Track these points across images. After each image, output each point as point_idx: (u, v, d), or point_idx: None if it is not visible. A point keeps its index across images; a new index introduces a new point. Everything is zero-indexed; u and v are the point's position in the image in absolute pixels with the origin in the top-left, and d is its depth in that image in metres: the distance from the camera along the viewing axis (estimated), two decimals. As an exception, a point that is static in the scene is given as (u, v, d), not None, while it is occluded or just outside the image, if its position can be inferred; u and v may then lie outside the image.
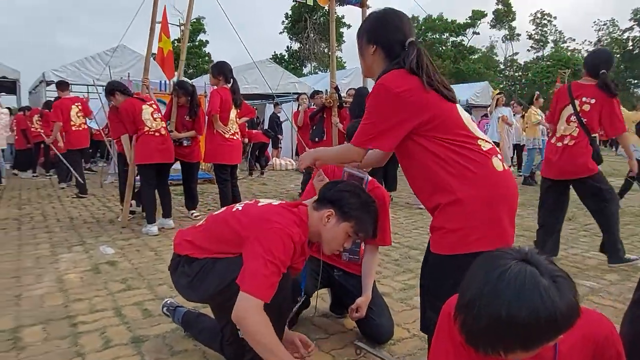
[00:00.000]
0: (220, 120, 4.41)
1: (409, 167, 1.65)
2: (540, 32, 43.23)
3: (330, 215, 1.79)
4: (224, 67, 4.56)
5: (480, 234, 1.47)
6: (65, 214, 5.54)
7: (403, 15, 1.70)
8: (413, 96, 1.51)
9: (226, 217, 1.89)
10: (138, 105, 4.44)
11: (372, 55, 1.68)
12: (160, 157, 4.47)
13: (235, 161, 4.65)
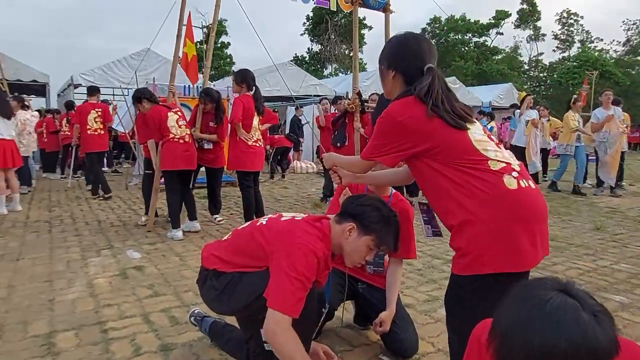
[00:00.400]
0: (243, 127, 4.46)
1: (423, 186, 1.68)
2: (567, 32, 42.24)
3: (352, 228, 1.82)
4: (247, 75, 4.61)
5: (494, 255, 1.45)
6: (93, 216, 5.69)
7: (423, 40, 1.74)
8: (414, 125, 1.56)
9: (251, 231, 1.92)
10: (164, 112, 4.54)
11: (392, 81, 1.74)
12: (185, 163, 4.57)
13: (257, 168, 4.70)
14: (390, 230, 1.87)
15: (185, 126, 4.63)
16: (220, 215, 5.46)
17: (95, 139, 7.12)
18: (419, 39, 1.74)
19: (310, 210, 6.27)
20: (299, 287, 1.63)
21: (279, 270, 1.67)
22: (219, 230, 5.01)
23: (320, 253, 1.74)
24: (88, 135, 7.09)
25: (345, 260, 1.92)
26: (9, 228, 4.99)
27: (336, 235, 1.85)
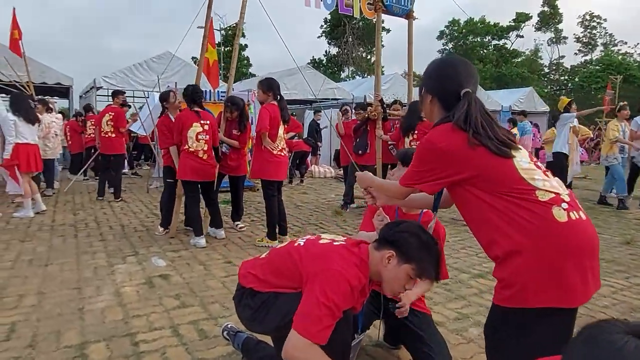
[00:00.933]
0: (269, 136, 4.45)
1: (465, 214, 1.64)
2: (589, 34, 41.47)
3: (391, 256, 1.78)
4: (273, 84, 4.61)
5: (539, 290, 1.40)
6: (117, 220, 5.75)
7: (460, 63, 1.71)
8: (456, 152, 1.52)
9: (288, 252, 1.91)
10: (191, 120, 4.56)
11: (430, 105, 1.73)
12: (197, 176, 4.59)
13: (282, 177, 4.68)
14: (432, 259, 1.82)
15: (205, 141, 4.59)
16: (242, 222, 5.47)
17: (106, 141, 7.29)
18: (455, 62, 1.71)
19: (331, 217, 6.24)
20: (327, 314, 1.60)
21: (310, 294, 1.65)
22: (241, 237, 5.01)
23: (356, 281, 1.71)
24: (102, 138, 7.32)
25: (384, 288, 1.88)
26: (36, 232, 5.08)
27: (375, 262, 1.81)
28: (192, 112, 4.59)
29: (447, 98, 1.65)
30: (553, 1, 38.53)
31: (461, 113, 1.56)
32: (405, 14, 6.42)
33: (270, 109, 4.47)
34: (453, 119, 1.57)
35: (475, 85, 1.69)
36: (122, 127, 7.34)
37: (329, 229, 5.52)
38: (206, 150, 4.59)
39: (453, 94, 1.63)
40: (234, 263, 4.07)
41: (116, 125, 7.25)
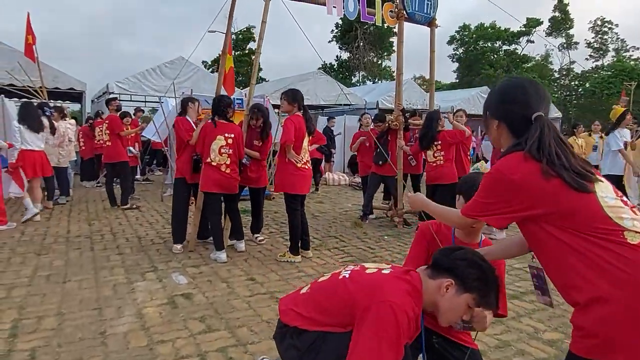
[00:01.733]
0: (293, 149, 4.31)
1: (539, 253, 1.49)
2: (600, 40, 41.05)
3: (450, 285, 1.65)
4: (298, 95, 4.47)
5: (627, 344, 1.24)
6: (133, 232, 5.63)
7: (528, 84, 1.56)
8: (529, 184, 1.38)
9: (333, 286, 1.76)
10: (215, 132, 4.41)
11: (497, 130, 1.59)
12: (220, 188, 4.46)
13: (305, 191, 4.53)
14: (493, 288, 1.70)
15: (228, 155, 4.44)
16: (262, 235, 5.33)
17: (104, 150, 7.34)
18: (523, 84, 1.57)
19: (350, 229, 6.08)
20: (386, 349, 1.48)
21: (365, 332, 1.51)
22: (262, 251, 4.87)
23: (412, 313, 1.57)
24: (103, 149, 7.43)
25: (439, 319, 1.74)
26: (52, 244, 4.96)
27: (429, 291, 1.68)
28: (218, 123, 4.45)
29: (516, 123, 1.52)
30: (564, 6, 38.21)
31: (533, 140, 1.42)
32: (427, 21, 6.29)
33: (296, 120, 4.33)
34: (525, 148, 1.42)
35: (547, 108, 1.54)
36: (120, 131, 7.23)
37: (350, 242, 5.36)
38: (229, 164, 4.45)
39: (522, 118, 1.49)
40: (257, 280, 3.92)
41: (113, 132, 7.15)
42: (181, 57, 13.68)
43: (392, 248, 5.15)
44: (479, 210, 1.53)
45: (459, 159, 5.93)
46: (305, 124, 4.44)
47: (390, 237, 5.66)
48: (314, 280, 1.93)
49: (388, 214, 6.70)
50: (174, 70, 13.34)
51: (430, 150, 5.68)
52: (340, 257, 4.76)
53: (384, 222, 6.64)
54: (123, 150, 7.29)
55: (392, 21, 6.00)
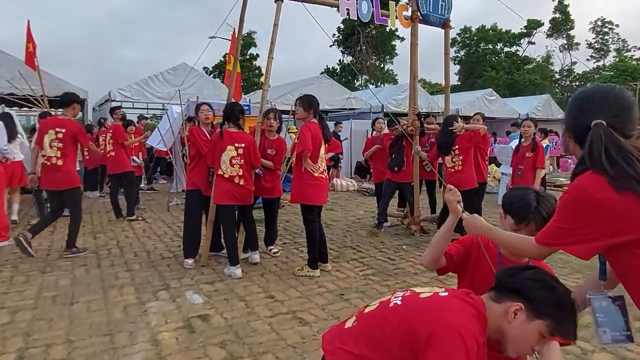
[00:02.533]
0: (310, 158, 4.09)
1: (628, 281, 1.32)
2: (601, 40, 40.95)
3: (519, 309, 1.42)
4: (314, 101, 4.25)
5: None
6: (140, 245, 5.40)
7: (596, 92, 1.39)
8: (617, 206, 1.21)
9: (384, 316, 1.52)
10: (224, 142, 4.18)
11: (572, 144, 1.44)
12: (234, 200, 4.23)
13: (323, 201, 4.30)
14: (570, 314, 1.46)
15: (240, 166, 4.20)
16: (275, 247, 5.10)
17: (109, 161, 7.03)
18: (590, 92, 1.41)
19: (367, 238, 5.84)
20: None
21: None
22: (277, 264, 4.63)
23: (480, 337, 1.35)
24: (107, 159, 7.09)
25: (506, 348, 1.50)
26: (56, 260, 4.73)
27: (495, 315, 1.45)
28: (226, 134, 4.21)
29: (578, 135, 1.38)
30: (565, 7, 38.12)
31: (588, 152, 1.28)
32: (442, 23, 6.08)
33: (312, 127, 4.11)
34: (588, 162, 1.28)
35: (613, 114, 1.32)
36: (124, 140, 6.95)
37: (368, 253, 5.12)
38: (242, 175, 4.22)
39: (583, 129, 1.33)
40: (277, 298, 3.69)
41: (117, 141, 6.91)
42: (184, 64, 13.50)
43: (412, 259, 4.91)
44: (559, 237, 1.34)
45: (476, 162, 5.70)
46: (322, 131, 4.22)
47: (409, 247, 5.43)
48: (358, 311, 1.69)
49: (404, 222, 6.46)
50: (176, 77, 13.16)
51: (448, 155, 5.46)
52: (360, 269, 4.53)
53: (399, 230, 6.40)
54: (127, 160, 7.07)
55: (406, 23, 5.80)
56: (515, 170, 5.51)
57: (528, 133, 5.51)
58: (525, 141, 5.56)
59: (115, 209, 7.00)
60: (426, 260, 1.98)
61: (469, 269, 2.02)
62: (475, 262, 2.00)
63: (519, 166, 5.44)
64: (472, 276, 2.00)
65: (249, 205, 4.44)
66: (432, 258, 1.95)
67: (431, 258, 1.95)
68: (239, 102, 4.48)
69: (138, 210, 7.44)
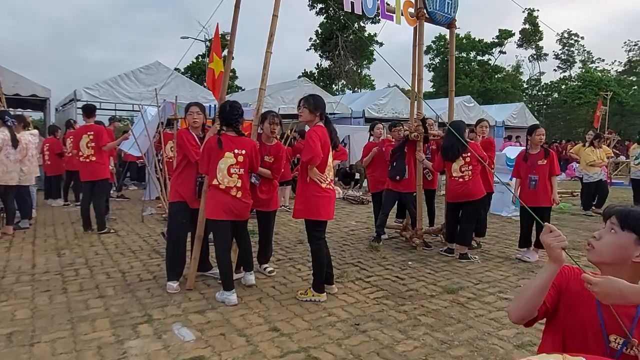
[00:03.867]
0: (317, 166, 3.57)
1: None
2: (567, 52, 42.24)
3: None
4: (320, 102, 3.74)
5: None
6: (113, 264, 4.71)
7: None
8: None
9: None
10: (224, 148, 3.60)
11: None
12: (229, 215, 3.63)
13: (331, 216, 3.78)
14: None
15: (239, 176, 3.64)
16: (271, 265, 4.54)
17: (86, 166, 6.18)
18: None
19: (367, 253, 5.35)
20: None
21: None
22: (275, 286, 4.08)
23: None
24: (81, 164, 6.24)
25: None
26: (13, 284, 4.01)
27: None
28: (225, 140, 3.63)
29: None
30: (534, 19, 39.09)
31: None
32: (448, 22, 5.73)
33: (320, 132, 3.60)
34: None
35: None
36: (103, 145, 6.20)
37: (373, 271, 4.63)
38: (240, 187, 3.65)
39: None
40: (283, 331, 3.13)
41: (97, 144, 6.17)
42: (157, 62, 12.74)
43: (423, 277, 4.45)
44: None
45: (483, 171, 5.34)
46: (329, 135, 3.71)
47: (414, 263, 4.97)
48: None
49: (403, 234, 6.02)
50: (149, 76, 12.39)
51: (456, 163, 5.07)
52: (369, 291, 4.02)
53: (399, 243, 5.95)
54: (107, 166, 6.35)
55: (412, 21, 5.41)
56: (526, 179, 5.16)
57: (536, 141, 5.18)
58: (532, 149, 5.22)
59: (85, 220, 6.25)
60: (515, 316, 1.53)
61: (560, 313, 1.57)
62: (567, 305, 1.56)
63: (531, 175, 5.08)
64: (563, 320, 1.56)
65: (244, 220, 3.87)
66: (524, 314, 1.51)
67: (523, 314, 1.51)
68: (238, 102, 3.88)
69: (108, 221, 6.70)
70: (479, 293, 3.99)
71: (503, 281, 4.36)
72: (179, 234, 4.01)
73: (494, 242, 6.01)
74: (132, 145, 8.01)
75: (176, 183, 4.02)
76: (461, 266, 4.90)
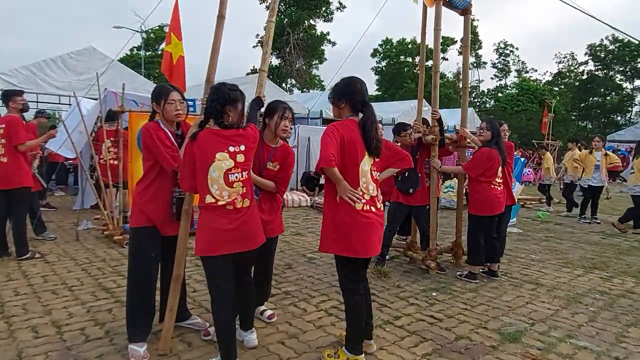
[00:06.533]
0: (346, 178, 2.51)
1: None
2: (503, 61, 44.31)
3: None
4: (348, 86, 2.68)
5: None
6: (43, 311, 3.34)
7: None
8: None
9: None
10: (213, 147, 2.44)
11: None
12: (233, 245, 2.46)
13: (372, 251, 2.64)
14: None
15: (243, 183, 2.49)
16: (269, 309, 3.41)
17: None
18: None
19: (376, 281, 4.36)
20: None
21: None
22: (284, 342, 2.96)
23: None
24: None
25: None
26: None
27: None
28: (209, 136, 2.47)
29: None
30: (474, 28, 40.49)
31: None
32: (465, 6, 4.95)
33: (344, 128, 2.56)
34: None
35: None
36: (19, 143, 4.70)
37: (397, 308, 3.66)
38: (246, 195, 2.51)
39: None
40: None
41: (10, 142, 4.65)
42: (91, 47, 10.96)
43: (461, 316, 3.54)
44: None
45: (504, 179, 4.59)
46: (363, 134, 2.64)
47: (439, 294, 4.06)
48: None
49: (408, 254, 5.12)
50: (81, 63, 10.60)
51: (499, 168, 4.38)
52: (410, 342, 3.04)
53: (403, 263, 5.06)
54: (27, 169, 4.83)
55: (430, 2, 4.56)
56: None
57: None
58: None
59: (2, 242, 4.71)
60: None
61: None
62: None
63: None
64: None
65: (249, 260, 2.73)
66: None
67: None
68: (225, 83, 2.71)
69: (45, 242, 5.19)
70: (546, 340, 3.15)
71: (559, 319, 3.56)
72: (146, 274, 2.77)
73: (507, 261, 5.28)
74: (63, 143, 6.47)
75: (141, 200, 2.76)
76: (492, 295, 4.07)
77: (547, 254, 5.74)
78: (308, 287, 4.15)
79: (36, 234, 5.54)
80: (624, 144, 23.20)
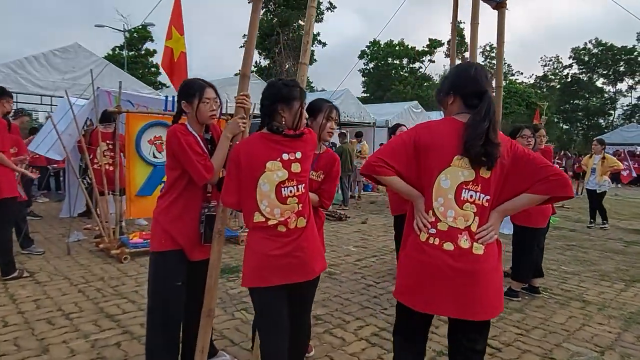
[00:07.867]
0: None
1: None
2: (489, 64, 44.59)
3: None
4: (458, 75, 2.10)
5: None
6: (37, 348, 2.82)
7: None
8: None
9: None
10: (261, 155, 1.98)
11: None
12: (286, 274, 1.98)
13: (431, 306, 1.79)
14: None
15: (298, 199, 2.00)
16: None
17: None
18: None
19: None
20: None
21: None
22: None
23: None
24: None
25: None
26: None
27: None
28: (265, 138, 2.01)
29: None
30: (461, 31, 40.67)
31: None
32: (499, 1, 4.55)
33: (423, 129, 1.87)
34: None
35: None
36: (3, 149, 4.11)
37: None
38: (302, 213, 2.03)
39: None
40: None
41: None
42: (77, 44, 10.30)
43: (521, 344, 3.14)
44: None
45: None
46: (461, 138, 1.80)
47: (483, 316, 3.67)
48: None
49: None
50: (66, 61, 9.94)
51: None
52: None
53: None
54: (11, 177, 4.26)
55: (467, -9, 4.15)
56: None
57: None
58: None
59: None
60: None
61: None
62: None
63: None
64: None
65: (304, 294, 2.24)
66: None
67: None
68: (281, 78, 2.21)
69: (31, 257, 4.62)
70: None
71: (626, 345, 3.19)
72: (172, 308, 2.29)
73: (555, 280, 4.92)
74: (52, 146, 5.90)
75: (166, 219, 2.28)
76: (542, 316, 3.70)
77: (578, 265, 5.42)
78: (339, 310, 3.71)
79: (22, 247, 4.97)
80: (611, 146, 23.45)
